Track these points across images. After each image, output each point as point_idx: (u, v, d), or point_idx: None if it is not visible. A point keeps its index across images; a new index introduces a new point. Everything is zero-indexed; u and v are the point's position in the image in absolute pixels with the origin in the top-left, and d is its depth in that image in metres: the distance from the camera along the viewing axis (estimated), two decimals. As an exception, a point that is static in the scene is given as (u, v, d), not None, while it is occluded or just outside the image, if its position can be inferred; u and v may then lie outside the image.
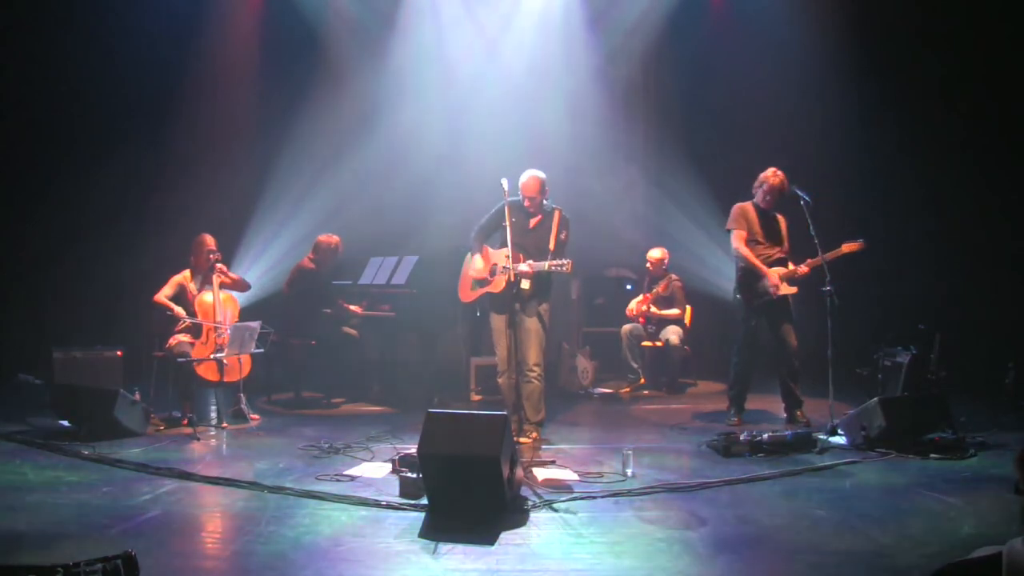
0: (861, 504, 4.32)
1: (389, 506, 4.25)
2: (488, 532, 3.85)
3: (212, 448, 5.75)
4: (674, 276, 8.20)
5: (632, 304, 8.25)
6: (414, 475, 4.32)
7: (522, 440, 5.49)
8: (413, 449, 4.37)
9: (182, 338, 6.40)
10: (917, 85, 8.32)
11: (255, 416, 6.58)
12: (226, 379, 6.39)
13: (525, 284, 5.63)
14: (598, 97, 9.16)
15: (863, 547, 3.69)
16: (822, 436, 5.59)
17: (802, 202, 6.01)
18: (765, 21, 8.84)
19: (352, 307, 7.60)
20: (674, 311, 8.09)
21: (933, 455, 5.15)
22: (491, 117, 8.80)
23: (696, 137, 9.11)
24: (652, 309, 8.11)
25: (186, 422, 6.19)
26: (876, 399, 5.45)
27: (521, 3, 9.29)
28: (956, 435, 5.36)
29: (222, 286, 6.59)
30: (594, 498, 4.40)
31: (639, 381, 8.13)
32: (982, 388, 6.99)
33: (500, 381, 5.91)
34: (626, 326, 8.23)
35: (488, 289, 5.83)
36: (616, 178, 9.33)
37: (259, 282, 7.86)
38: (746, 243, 6.22)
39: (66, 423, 5.93)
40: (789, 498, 4.47)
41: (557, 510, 4.21)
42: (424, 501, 4.22)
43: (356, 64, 9.11)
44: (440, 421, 4.22)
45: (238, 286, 6.78)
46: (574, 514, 4.15)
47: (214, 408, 6.80)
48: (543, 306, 5.78)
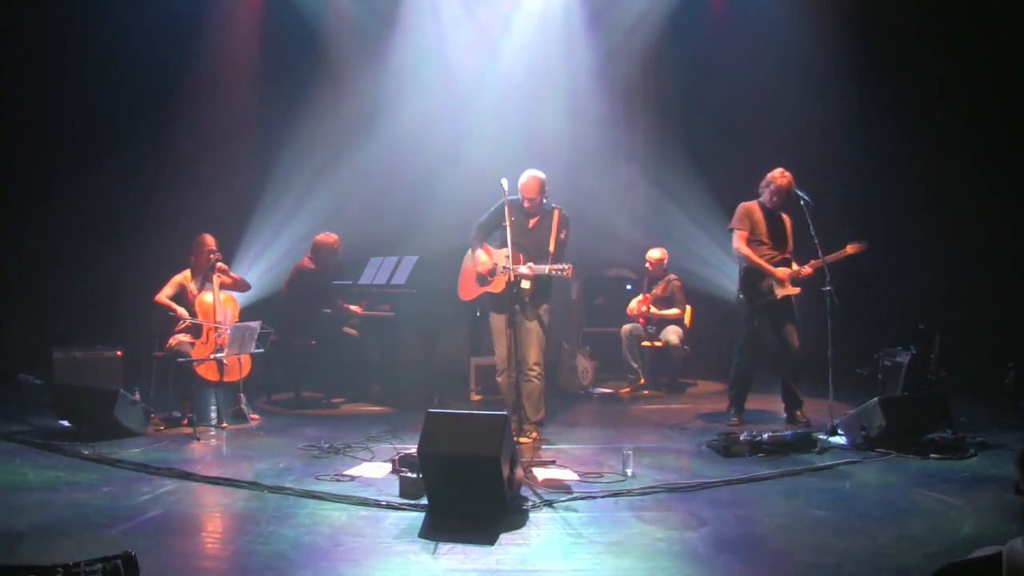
0: (861, 504, 4.32)
1: (389, 506, 4.25)
2: (488, 532, 3.85)
3: (212, 448, 5.75)
4: (673, 276, 8.20)
5: (632, 304, 8.25)
6: (414, 475, 4.32)
7: (522, 440, 5.49)
8: (413, 449, 4.37)
9: (182, 338, 6.40)
10: (917, 85, 8.32)
11: (255, 416, 6.58)
12: (226, 379, 6.39)
13: (525, 284, 5.63)
14: (598, 97, 9.16)
15: (863, 547, 3.69)
16: (822, 436, 5.59)
17: (802, 202, 6.00)
18: (765, 21, 8.83)
19: (352, 307, 7.60)
20: (674, 311, 8.08)
21: (933, 455, 5.15)
22: (491, 117, 8.80)
23: (696, 137, 9.11)
24: (652, 309, 8.11)
25: (186, 422, 6.19)
26: (876, 399, 5.45)
27: (521, 3, 9.28)
28: (956, 435, 5.36)
29: (222, 286, 6.59)
30: (594, 498, 4.40)
31: (639, 381, 8.12)
32: (982, 388, 7.00)
33: (499, 380, 5.90)
34: (626, 326, 8.22)
35: (488, 289, 5.83)
36: (616, 178, 9.33)
37: (259, 282, 7.86)
38: (748, 243, 6.22)
39: (66, 423, 5.94)
40: (789, 498, 4.47)
41: (557, 510, 4.21)
42: (424, 501, 4.22)
43: (356, 64, 9.10)
44: (440, 421, 4.22)
45: (238, 286, 6.78)
46: (574, 514, 4.15)
47: (214, 408, 6.80)
48: (543, 306, 5.77)
